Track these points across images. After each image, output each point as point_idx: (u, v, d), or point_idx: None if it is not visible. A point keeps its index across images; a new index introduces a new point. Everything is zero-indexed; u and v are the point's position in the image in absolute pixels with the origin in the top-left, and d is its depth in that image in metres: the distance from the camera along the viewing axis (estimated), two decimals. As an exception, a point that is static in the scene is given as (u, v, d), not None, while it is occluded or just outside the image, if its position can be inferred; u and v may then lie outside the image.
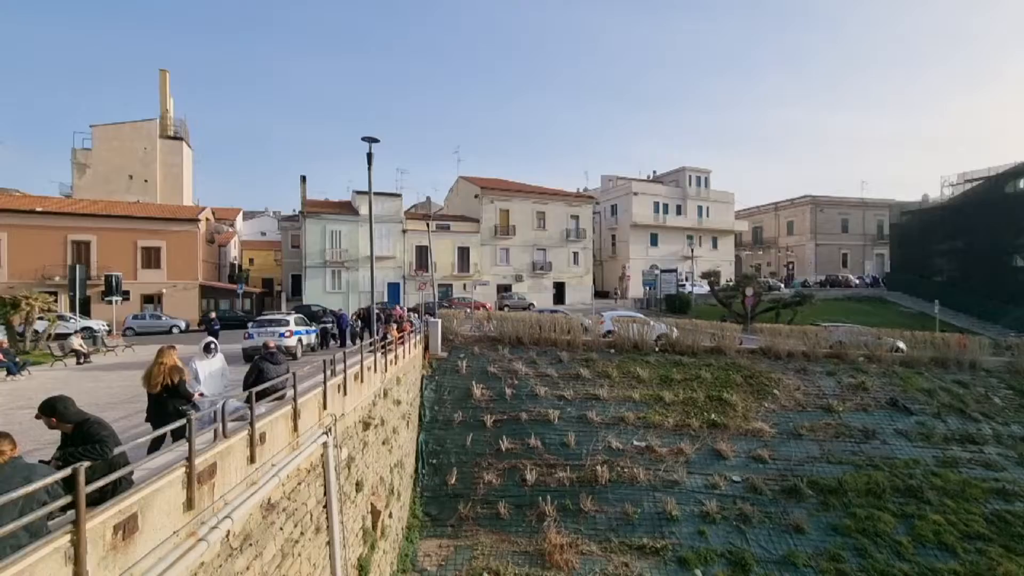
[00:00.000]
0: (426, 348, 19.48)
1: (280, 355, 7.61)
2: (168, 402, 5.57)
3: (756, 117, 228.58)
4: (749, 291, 32.31)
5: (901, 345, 23.64)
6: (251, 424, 5.18)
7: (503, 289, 42.43)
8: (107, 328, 25.23)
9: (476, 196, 43.43)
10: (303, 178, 39.92)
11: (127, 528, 3.28)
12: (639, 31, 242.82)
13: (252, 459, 5.17)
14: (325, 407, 7.61)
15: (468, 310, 27.78)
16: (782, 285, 47.52)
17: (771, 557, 12.56)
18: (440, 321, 20.54)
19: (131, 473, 3.72)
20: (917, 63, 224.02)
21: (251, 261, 53.16)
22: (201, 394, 6.49)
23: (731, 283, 38.01)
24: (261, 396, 5.83)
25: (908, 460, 16.29)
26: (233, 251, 47.67)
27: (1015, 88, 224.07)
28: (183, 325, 29.98)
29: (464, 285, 40.87)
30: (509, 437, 15.65)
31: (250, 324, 18.66)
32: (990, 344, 24.94)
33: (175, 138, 44.66)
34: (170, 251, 33.08)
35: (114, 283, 25.39)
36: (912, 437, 17.47)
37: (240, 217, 57.08)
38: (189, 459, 4.00)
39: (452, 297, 37.52)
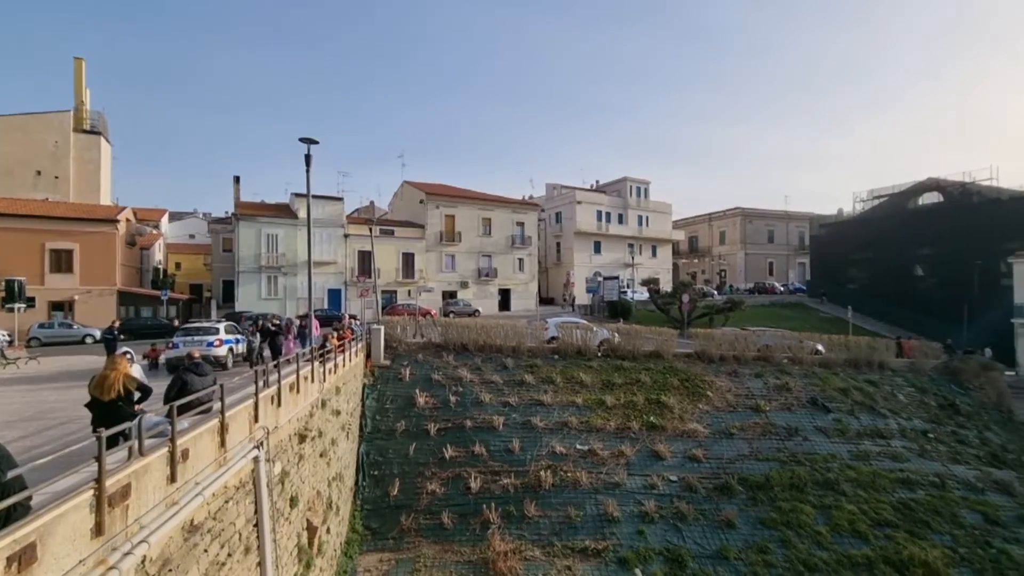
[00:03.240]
0: (368, 356, 18.99)
1: (206, 366, 7.18)
2: (122, 409, 5.60)
3: (688, 133, 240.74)
4: (685, 298, 33.85)
5: (820, 348, 25.49)
6: (172, 440, 4.86)
7: (449, 296, 42.09)
8: (8, 339, 22.83)
9: (421, 201, 42.93)
10: (236, 179, 38.08)
11: (23, 559, 2.97)
12: (582, 45, 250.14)
13: (173, 478, 4.84)
14: (257, 420, 7.24)
15: (415, 316, 27.27)
16: (715, 292, 50.02)
17: (705, 552, 13.14)
18: (383, 328, 20.09)
19: (29, 498, 3.38)
20: (831, 89, 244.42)
21: (178, 266, 49.82)
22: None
23: (660, 291, 39.49)
24: (184, 410, 5.51)
25: (826, 455, 17.55)
26: (157, 254, 44.47)
27: (913, 113, 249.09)
28: (97, 334, 27.62)
29: (409, 291, 40.12)
30: (453, 445, 15.52)
31: (176, 332, 17.49)
32: (896, 346, 27.48)
33: (92, 132, 41.13)
34: (84, 254, 30.38)
35: (16, 289, 23.04)
36: (830, 433, 18.84)
37: (166, 218, 53.38)
38: (99, 480, 3.68)
39: (396, 304, 36.78)
